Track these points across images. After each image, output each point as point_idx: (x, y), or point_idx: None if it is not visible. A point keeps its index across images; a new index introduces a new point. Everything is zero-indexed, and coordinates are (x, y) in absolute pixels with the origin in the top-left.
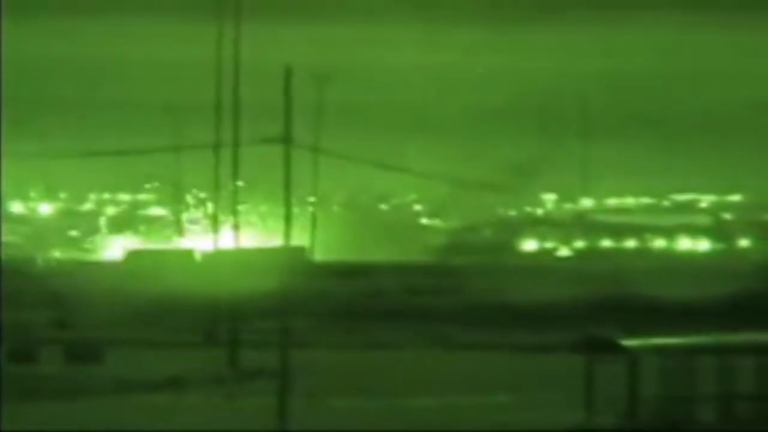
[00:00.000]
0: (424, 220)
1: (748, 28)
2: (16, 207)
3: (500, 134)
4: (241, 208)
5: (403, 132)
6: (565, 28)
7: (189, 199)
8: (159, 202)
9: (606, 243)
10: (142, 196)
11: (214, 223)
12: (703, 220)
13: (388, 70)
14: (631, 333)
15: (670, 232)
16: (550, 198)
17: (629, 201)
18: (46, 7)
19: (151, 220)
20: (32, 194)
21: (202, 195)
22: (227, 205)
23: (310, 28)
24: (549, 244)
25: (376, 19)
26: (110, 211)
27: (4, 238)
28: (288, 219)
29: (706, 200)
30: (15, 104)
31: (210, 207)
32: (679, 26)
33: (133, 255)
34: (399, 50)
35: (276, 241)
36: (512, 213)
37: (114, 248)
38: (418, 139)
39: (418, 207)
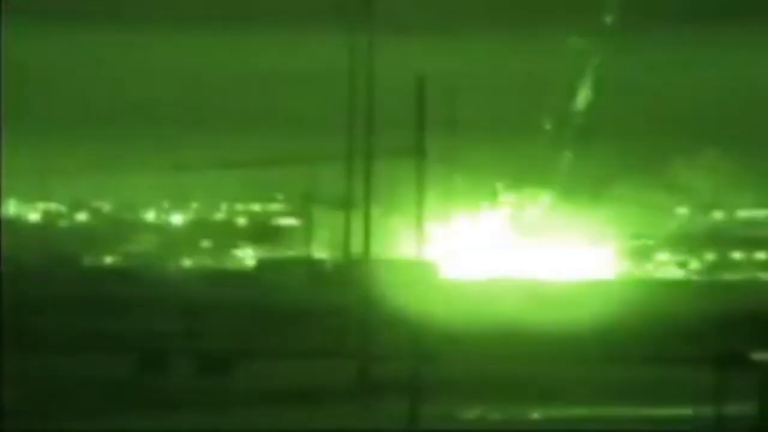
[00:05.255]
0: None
1: None
2: (149, 216)
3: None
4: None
5: (536, 147)
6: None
7: (319, 209)
8: (290, 213)
9: (737, 255)
10: (274, 206)
11: (346, 233)
12: None
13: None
14: (764, 347)
15: None
16: (682, 211)
17: (760, 213)
18: (174, 18)
19: (282, 231)
20: (165, 204)
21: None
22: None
23: (442, 40)
24: (681, 257)
25: (509, 29)
26: (241, 221)
27: (138, 248)
28: (420, 232)
29: None
30: (148, 119)
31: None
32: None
33: (264, 264)
34: (535, 62)
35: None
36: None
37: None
38: (550, 153)
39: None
